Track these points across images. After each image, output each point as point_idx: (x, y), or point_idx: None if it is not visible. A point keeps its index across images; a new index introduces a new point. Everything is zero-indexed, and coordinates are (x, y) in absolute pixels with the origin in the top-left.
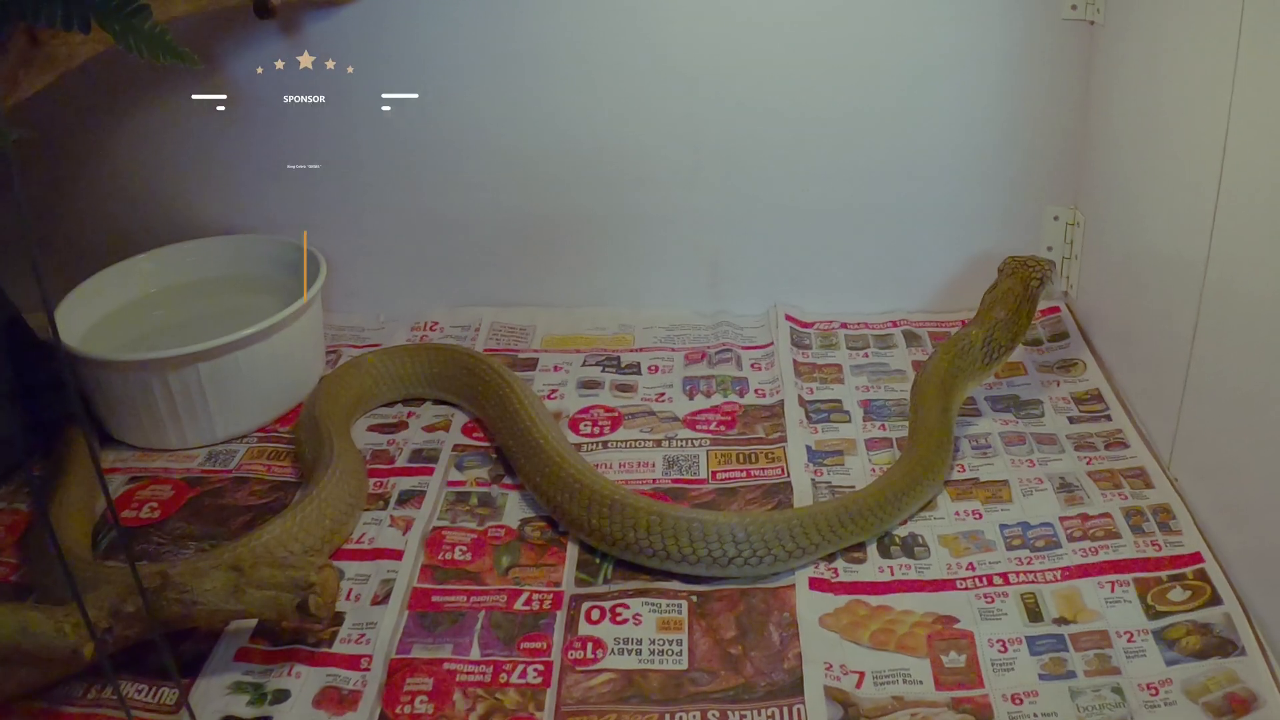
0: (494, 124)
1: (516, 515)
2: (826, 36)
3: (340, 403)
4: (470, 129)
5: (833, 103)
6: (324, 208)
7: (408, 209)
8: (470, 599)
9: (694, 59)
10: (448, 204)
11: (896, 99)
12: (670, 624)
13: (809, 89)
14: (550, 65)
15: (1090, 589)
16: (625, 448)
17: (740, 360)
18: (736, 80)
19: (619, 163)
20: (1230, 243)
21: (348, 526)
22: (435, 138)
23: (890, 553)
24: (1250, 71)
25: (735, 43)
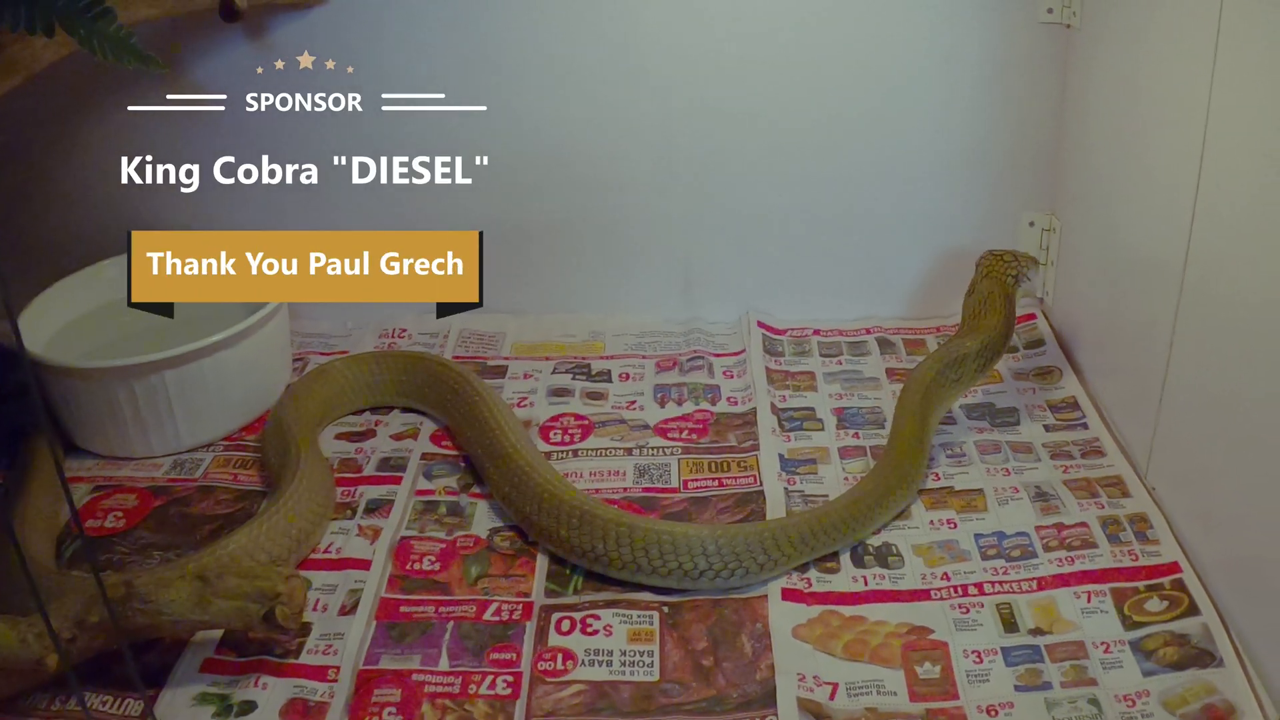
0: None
1: (485, 525)
2: (800, 42)
3: (307, 411)
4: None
5: (806, 108)
6: (291, 213)
7: (375, 214)
8: (439, 609)
9: (667, 64)
10: (415, 209)
11: (870, 104)
12: (641, 635)
13: (782, 94)
14: (522, 69)
15: (1066, 599)
16: (596, 456)
17: (712, 368)
18: (710, 85)
19: (590, 168)
20: (1208, 248)
21: (315, 536)
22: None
23: (864, 562)
24: (1228, 75)
25: (709, 48)
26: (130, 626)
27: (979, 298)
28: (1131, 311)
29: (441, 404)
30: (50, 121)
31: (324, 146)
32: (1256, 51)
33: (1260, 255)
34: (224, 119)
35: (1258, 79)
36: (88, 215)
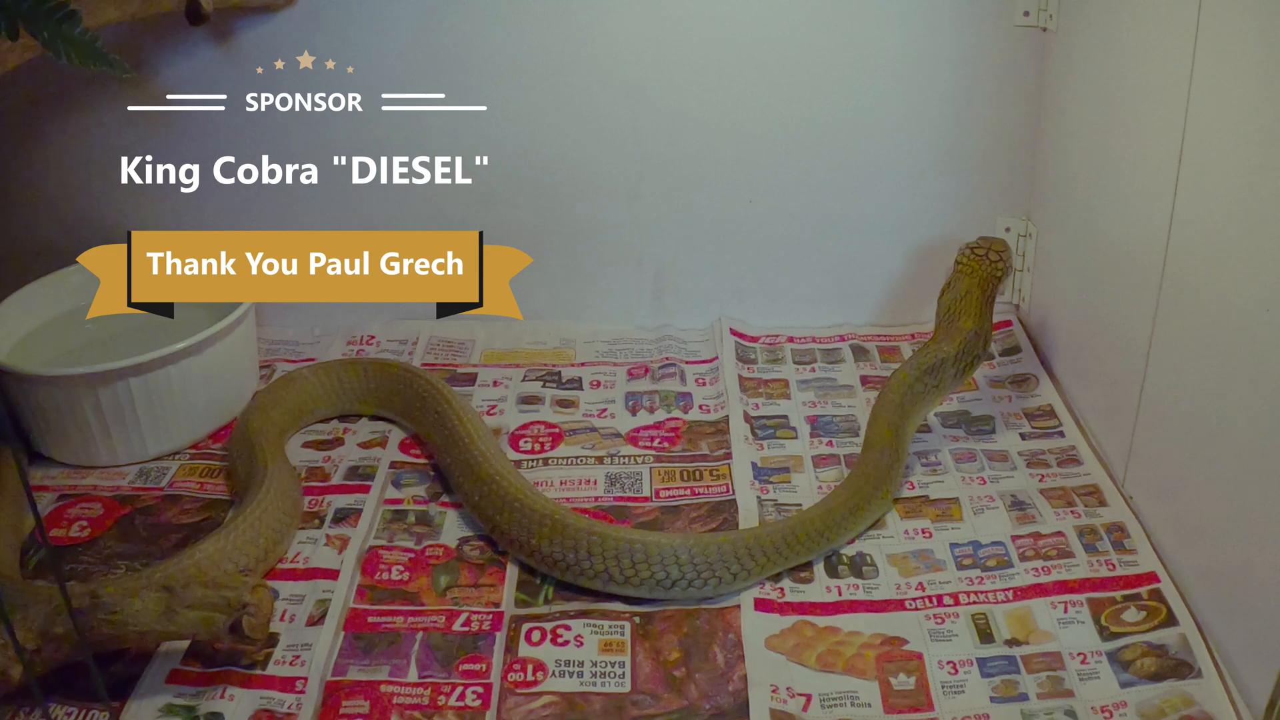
0: None
1: (455, 534)
2: (773, 47)
3: (274, 419)
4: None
5: (779, 113)
6: (259, 218)
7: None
8: (407, 620)
9: (638, 69)
10: (384, 215)
11: (844, 109)
12: (612, 645)
13: (754, 98)
14: (490, 73)
15: (1043, 609)
16: (566, 465)
17: (684, 375)
18: (681, 91)
19: (560, 173)
20: (1187, 254)
21: (282, 545)
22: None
23: (838, 572)
24: (1207, 78)
25: (680, 53)
26: (95, 637)
27: (953, 296)
28: (1109, 318)
29: (410, 412)
30: (13, 125)
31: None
32: (1235, 55)
33: (1239, 262)
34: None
35: (1236, 82)
36: (52, 221)
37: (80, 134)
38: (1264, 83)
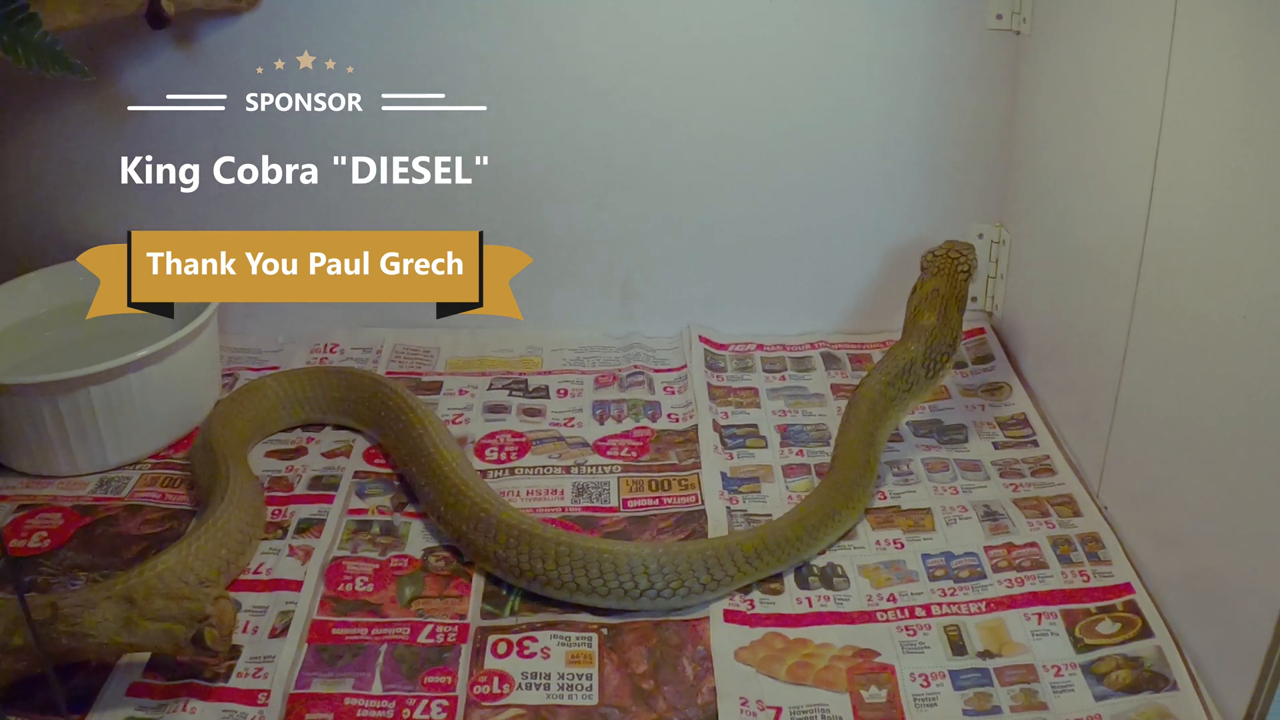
0: None
1: (420, 545)
2: (743, 52)
3: (237, 428)
4: None
5: (749, 119)
6: (220, 223)
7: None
8: (372, 631)
9: (606, 74)
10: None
11: (815, 114)
12: (580, 657)
13: (724, 105)
14: (456, 78)
15: (1016, 621)
16: (533, 474)
17: (652, 383)
18: (650, 97)
19: (528, 179)
20: (1163, 261)
21: (245, 556)
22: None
23: (808, 583)
24: (1183, 82)
25: (649, 59)
26: (55, 649)
27: (919, 298)
28: (1083, 326)
29: (375, 421)
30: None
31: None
32: (1211, 58)
33: (1215, 268)
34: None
35: (1212, 87)
36: (9, 228)
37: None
38: (1240, 87)
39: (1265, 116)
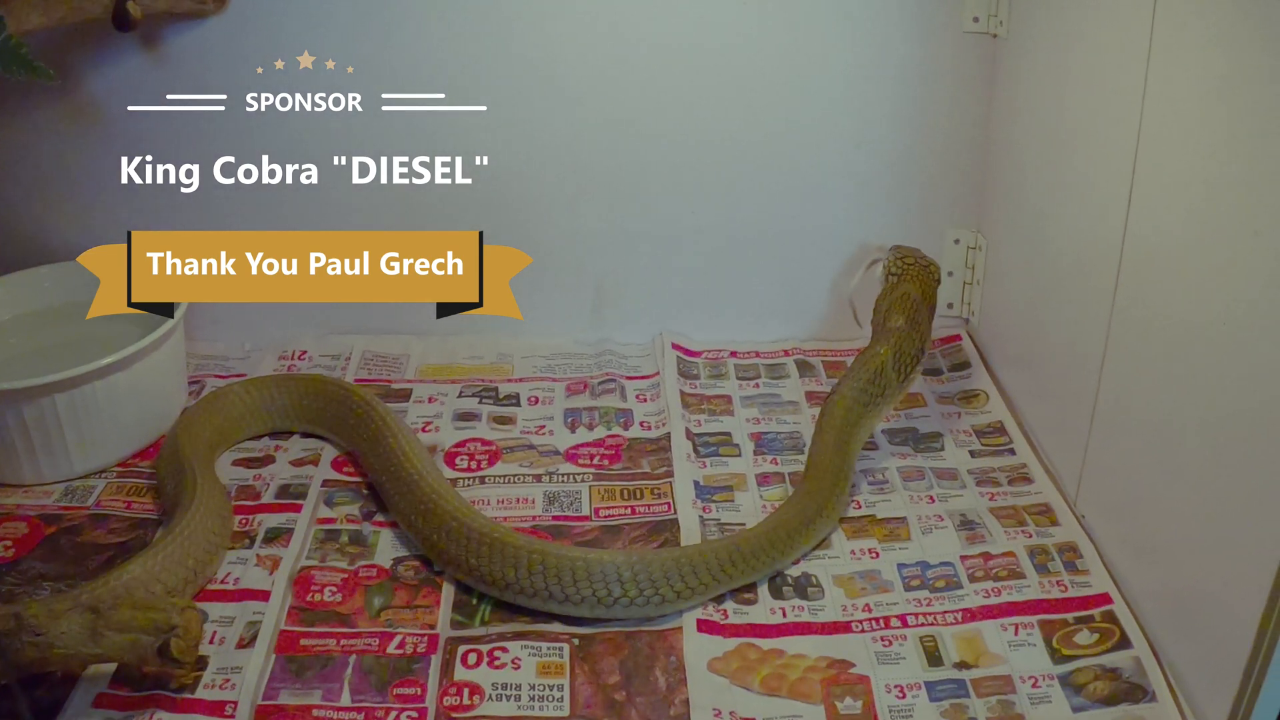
0: None
1: (389, 554)
2: (716, 55)
3: (204, 436)
4: None
5: (723, 123)
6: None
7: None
8: (340, 642)
9: (577, 78)
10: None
11: (788, 119)
12: (551, 668)
13: (697, 108)
14: (424, 81)
15: (993, 631)
16: (504, 483)
17: (624, 391)
18: (622, 100)
19: (497, 183)
20: (1141, 266)
21: (211, 566)
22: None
23: (782, 593)
24: (1161, 86)
25: (621, 61)
26: (20, 660)
27: (893, 298)
28: (1061, 333)
29: (343, 429)
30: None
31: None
32: (1190, 63)
33: (1194, 275)
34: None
35: (1191, 91)
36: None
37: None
38: (1220, 91)
39: (1245, 121)
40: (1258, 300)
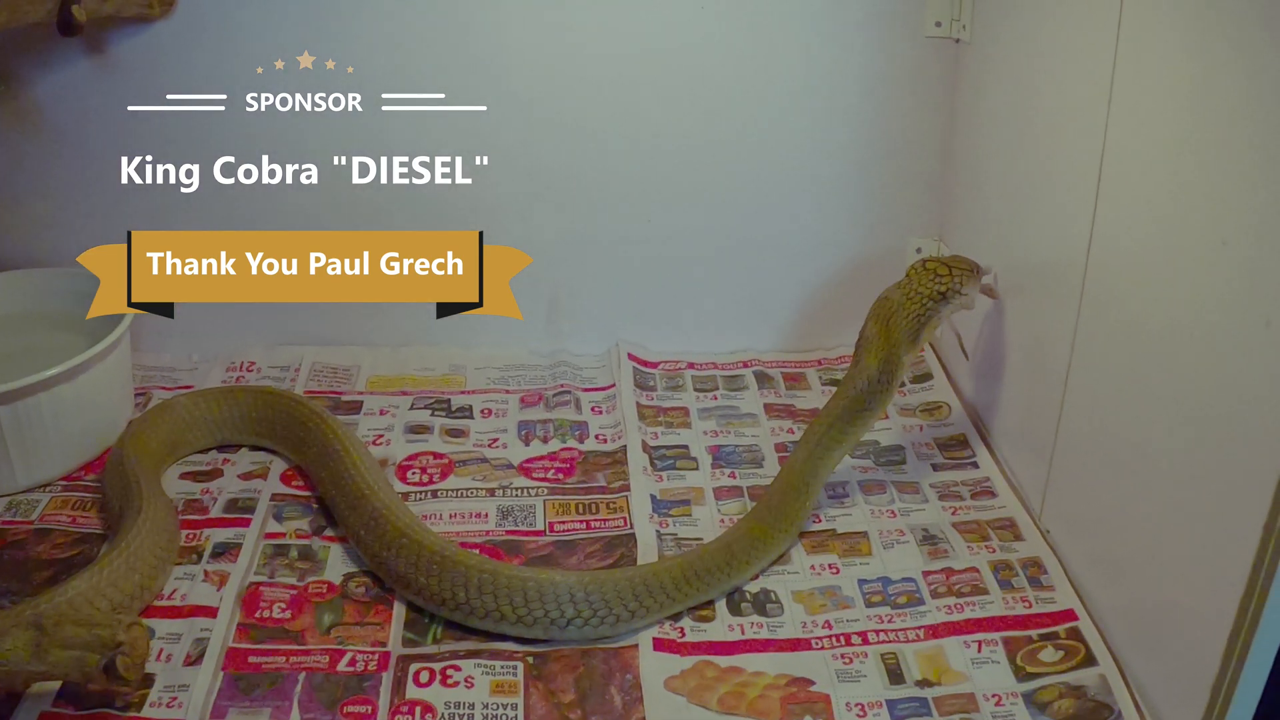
0: None
1: (339, 570)
2: (673, 60)
3: (150, 449)
4: None
5: (679, 129)
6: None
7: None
8: (289, 660)
9: (531, 82)
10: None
11: (747, 125)
12: (504, 687)
13: (653, 114)
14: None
15: (955, 649)
16: (456, 497)
17: (580, 403)
18: (577, 105)
19: (447, 189)
20: (1107, 275)
21: (158, 582)
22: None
23: (741, 610)
24: (1127, 92)
25: (575, 66)
26: None
27: (874, 308)
28: (1025, 343)
29: (293, 442)
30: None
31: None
32: (1156, 69)
33: (1162, 284)
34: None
35: (1158, 100)
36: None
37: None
38: (1187, 98)
39: (1211, 128)
40: (1226, 310)
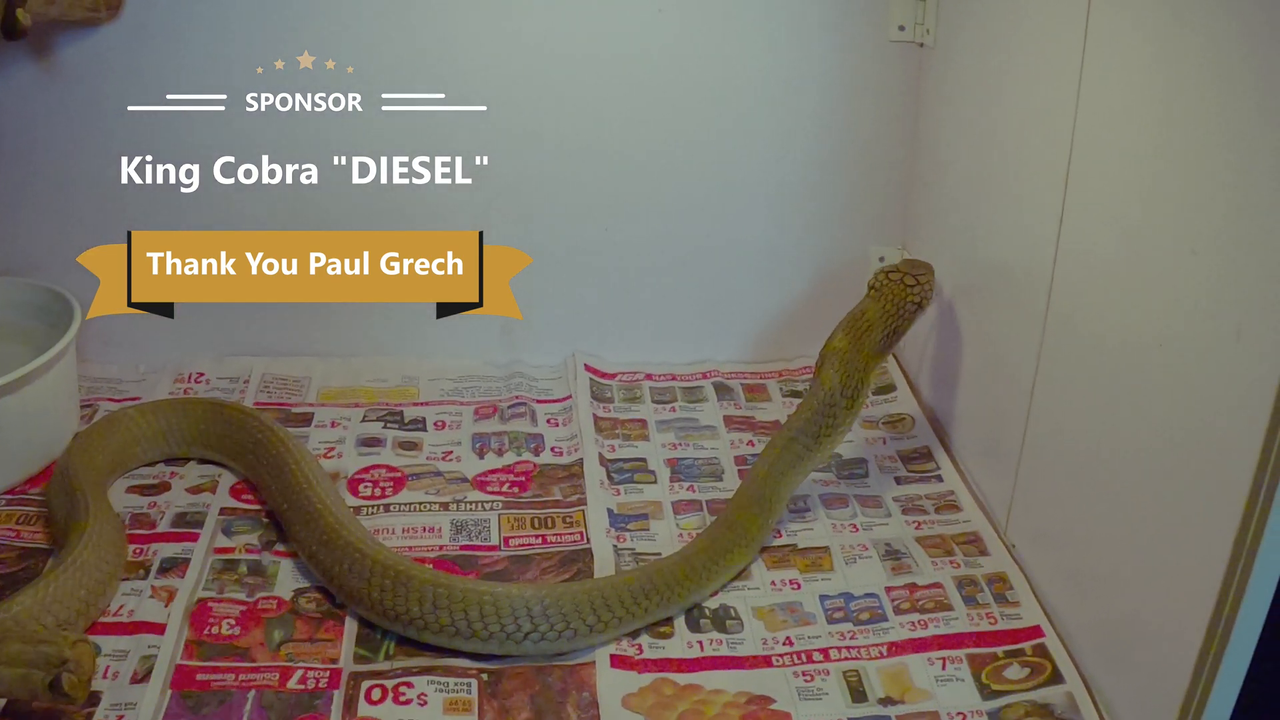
0: None
1: (290, 585)
2: (629, 66)
3: (96, 462)
4: None
5: (637, 135)
6: (78, 245)
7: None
8: (239, 677)
9: (484, 87)
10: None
11: (706, 131)
12: (459, 705)
13: (611, 120)
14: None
15: (919, 666)
16: (409, 511)
17: (535, 415)
18: (530, 110)
19: (400, 198)
20: (1074, 286)
21: (105, 597)
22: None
23: (700, 626)
24: (1095, 97)
25: (530, 71)
26: None
27: (845, 319)
28: (990, 354)
29: (242, 455)
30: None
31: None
32: (1124, 74)
33: (1130, 294)
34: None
35: (1126, 108)
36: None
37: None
38: (1155, 103)
39: (1180, 134)
40: (1195, 322)
